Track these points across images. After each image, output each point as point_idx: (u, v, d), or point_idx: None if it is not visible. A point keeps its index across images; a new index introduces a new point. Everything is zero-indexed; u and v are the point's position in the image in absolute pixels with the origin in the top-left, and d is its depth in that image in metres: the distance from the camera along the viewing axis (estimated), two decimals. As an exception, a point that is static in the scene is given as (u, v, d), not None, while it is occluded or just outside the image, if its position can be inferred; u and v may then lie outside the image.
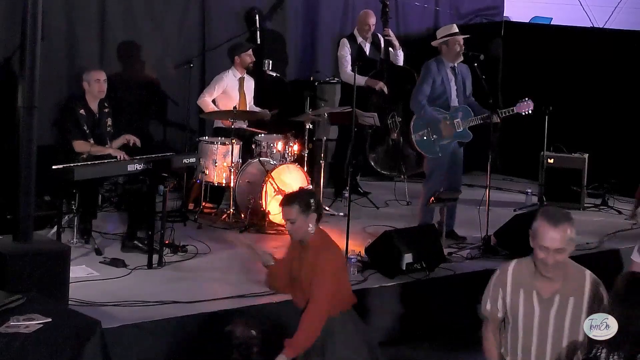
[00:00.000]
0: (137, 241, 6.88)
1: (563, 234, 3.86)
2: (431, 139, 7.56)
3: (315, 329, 4.62)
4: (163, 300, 5.79)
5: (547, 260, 3.87)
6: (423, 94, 7.55)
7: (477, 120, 7.55)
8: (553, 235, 3.84)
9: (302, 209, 4.67)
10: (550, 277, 3.95)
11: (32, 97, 5.41)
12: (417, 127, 7.61)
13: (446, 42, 7.54)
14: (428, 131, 7.56)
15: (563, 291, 3.97)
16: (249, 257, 6.75)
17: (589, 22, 11.13)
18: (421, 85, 7.61)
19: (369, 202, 8.91)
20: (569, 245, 3.90)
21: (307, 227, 4.69)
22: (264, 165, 7.93)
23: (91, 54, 8.55)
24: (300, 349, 4.62)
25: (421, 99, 7.55)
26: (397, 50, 9.42)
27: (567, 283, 3.97)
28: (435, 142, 7.56)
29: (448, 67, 7.57)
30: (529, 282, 4.01)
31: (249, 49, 8.73)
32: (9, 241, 5.48)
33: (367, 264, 6.72)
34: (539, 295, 4.00)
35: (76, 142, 7.31)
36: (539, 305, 4.01)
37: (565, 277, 3.97)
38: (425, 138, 7.58)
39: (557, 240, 3.84)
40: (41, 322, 4.53)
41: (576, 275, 3.99)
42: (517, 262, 4.10)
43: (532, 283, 4.00)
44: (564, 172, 9.19)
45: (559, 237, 3.85)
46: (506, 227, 7.42)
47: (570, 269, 4.00)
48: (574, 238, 3.92)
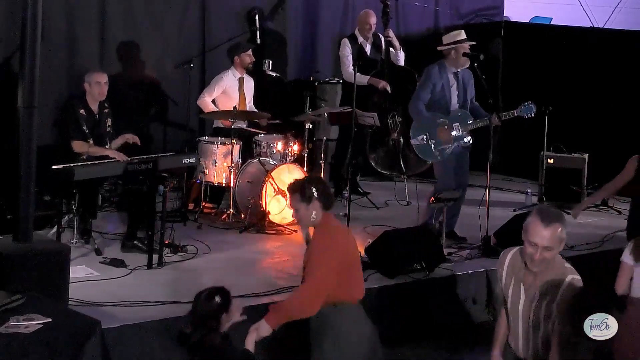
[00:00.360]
0: (137, 241, 6.88)
1: (553, 233, 3.98)
2: (430, 143, 7.55)
3: (303, 304, 4.56)
4: (163, 300, 5.79)
5: (535, 256, 4.00)
6: (421, 100, 7.54)
7: (475, 124, 7.55)
8: (542, 233, 3.96)
9: (302, 197, 4.68)
10: (535, 272, 4.07)
11: (32, 97, 5.41)
12: (416, 132, 7.61)
13: (455, 48, 7.51)
14: (427, 136, 7.55)
15: (541, 289, 4.08)
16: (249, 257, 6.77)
17: (589, 22, 11.13)
18: (420, 91, 7.60)
19: (369, 202, 8.91)
20: (558, 245, 4.02)
21: (311, 215, 4.68)
22: (264, 165, 7.93)
23: (91, 54, 8.55)
24: (282, 317, 4.55)
25: (419, 105, 7.54)
26: (398, 51, 9.42)
27: (546, 282, 4.07)
28: (434, 147, 7.55)
29: (450, 72, 7.55)
30: (519, 271, 4.16)
31: (249, 49, 8.73)
32: (9, 241, 5.48)
33: (367, 264, 6.71)
34: (524, 286, 4.14)
35: (75, 143, 7.30)
36: (524, 295, 4.13)
37: (547, 275, 4.08)
38: (424, 143, 7.58)
39: (546, 238, 3.97)
40: (41, 322, 4.53)
41: (557, 276, 4.08)
42: (517, 249, 4.23)
43: (520, 273, 4.14)
44: (564, 172, 9.20)
45: (549, 235, 3.97)
46: (506, 227, 7.42)
47: (554, 270, 4.09)
48: (564, 238, 4.03)
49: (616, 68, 9.92)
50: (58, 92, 8.19)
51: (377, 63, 9.37)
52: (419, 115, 7.56)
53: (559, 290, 4.04)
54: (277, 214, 7.90)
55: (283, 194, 7.90)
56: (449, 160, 7.60)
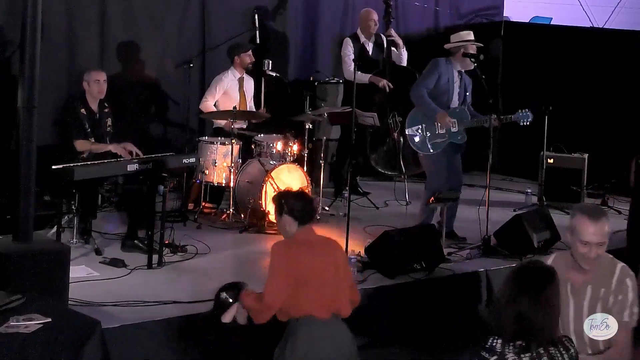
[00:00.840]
0: (137, 241, 6.87)
1: (603, 228, 4.05)
2: (425, 134, 7.56)
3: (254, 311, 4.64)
4: (163, 300, 5.79)
5: (590, 254, 4.05)
6: (425, 86, 7.54)
7: (473, 124, 7.56)
8: (594, 230, 4.03)
9: (276, 209, 4.74)
10: (586, 269, 4.11)
11: (32, 97, 5.40)
12: (412, 121, 7.62)
13: (465, 46, 7.51)
14: (422, 127, 7.56)
15: (594, 282, 4.12)
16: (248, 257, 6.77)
17: (589, 22, 11.13)
18: (426, 78, 7.59)
19: (369, 202, 8.91)
20: (608, 239, 4.10)
21: (284, 227, 4.71)
22: (264, 165, 7.93)
23: (91, 54, 8.55)
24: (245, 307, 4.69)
25: (421, 91, 7.53)
26: (401, 50, 9.42)
27: (598, 274, 4.11)
28: (428, 140, 7.55)
29: (456, 69, 7.58)
30: (563, 273, 4.13)
31: (249, 49, 8.73)
32: (9, 241, 5.48)
33: (367, 264, 6.72)
34: (572, 286, 4.15)
35: (78, 142, 7.30)
36: (572, 296, 4.14)
37: (598, 268, 4.12)
38: (418, 132, 7.59)
39: (599, 235, 4.03)
40: (41, 322, 4.52)
41: (608, 266, 4.13)
42: (557, 254, 4.31)
43: (566, 274, 4.13)
44: (564, 172, 9.19)
45: (600, 231, 4.04)
46: (506, 227, 7.42)
47: (603, 261, 4.14)
48: (610, 232, 4.11)
49: (616, 68, 9.92)
50: (58, 92, 8.18)
51: (379, 63, 9.37)
52: (420, 100, 7.53)
53: (613, 278, 4.09)
54: (277, 214, 7.90)
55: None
56: (440, 157, 7.60)
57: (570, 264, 4.16)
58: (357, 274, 6.54)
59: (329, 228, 7.90)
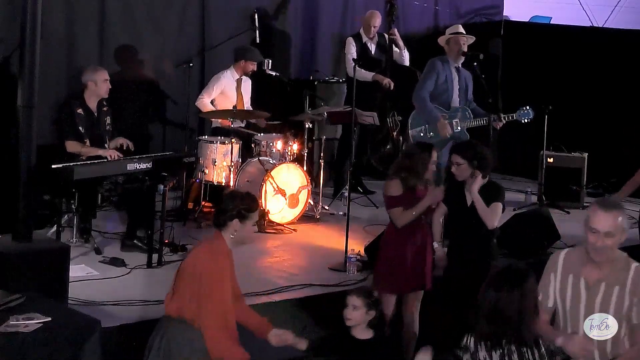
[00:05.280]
0: (137, 240, 6.88)
1: (613, 219, 4.03)
2: (428, 136, 7.58)
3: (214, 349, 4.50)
4: (163, 300, 5.77)
5: (597, 243, 4.02)
6: (426, 89, 7.62)
7: (475, 123, 7.57)
8: (602, 218, 4.01)
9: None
10: (598, 261, 4.09)
11: (31, 97, 5.41)
12: (416, 122, 7.64)
13: (448, 40, 7.63)
14: (425, 128, 7.59)
15: (608, 279, 4.10)
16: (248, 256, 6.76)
17: (589, 21, 11.14)
18: (425, 80, 7.67)
19: (368, 202, 8.91)
20: (619, 233, 4.06)
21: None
22: (264, 164, 7.93)
23: (90, 54, 8.54)
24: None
25: (423, 93, 7.59)
26: (403, 50, 9.42)
27: (612, 272, 4.10)
28: (431, 140, 7.57)
29: (452, 66, 7.62)
30: (577, 268, 4.16)
31: (256, 60, 8.70)
32: (9, 241, 5.48)
33: (367, 264, 6.71)
34: (586, 282, 4.13)
35: (68, 143, 7.19)
36: (585, 292, 4.13)
37: (612, 266, 4.10)
38: (422, 134, 7.60)
39: (607, 223, 4.01)
40: (41, 322, 4.52)
41: (622, 265, 4.12)
42: (570, 249, 4.29)
43: (580, 269, 4.14)
44: (564, 171, 9.19)
45: (609, 220, 4.01)
46: (506, 226, 7.41)
47: (618, 259, 4.13)
48: (625, 228, 4.08)
49: (616, 67, 9.92)
50: (57, 92, 8.17)
51: (381, 62, 9.37)
52: (422, 103, 7.59)
53: (628, 277, 4.08)
54: (276, 213, 7.90)
55: (283, 193, 7.91)
56: (443, 155, 7.60)
57: (585, 259, 4.15)
58: (356, 273, 6.54)
59: (329, 228, 7.90)
